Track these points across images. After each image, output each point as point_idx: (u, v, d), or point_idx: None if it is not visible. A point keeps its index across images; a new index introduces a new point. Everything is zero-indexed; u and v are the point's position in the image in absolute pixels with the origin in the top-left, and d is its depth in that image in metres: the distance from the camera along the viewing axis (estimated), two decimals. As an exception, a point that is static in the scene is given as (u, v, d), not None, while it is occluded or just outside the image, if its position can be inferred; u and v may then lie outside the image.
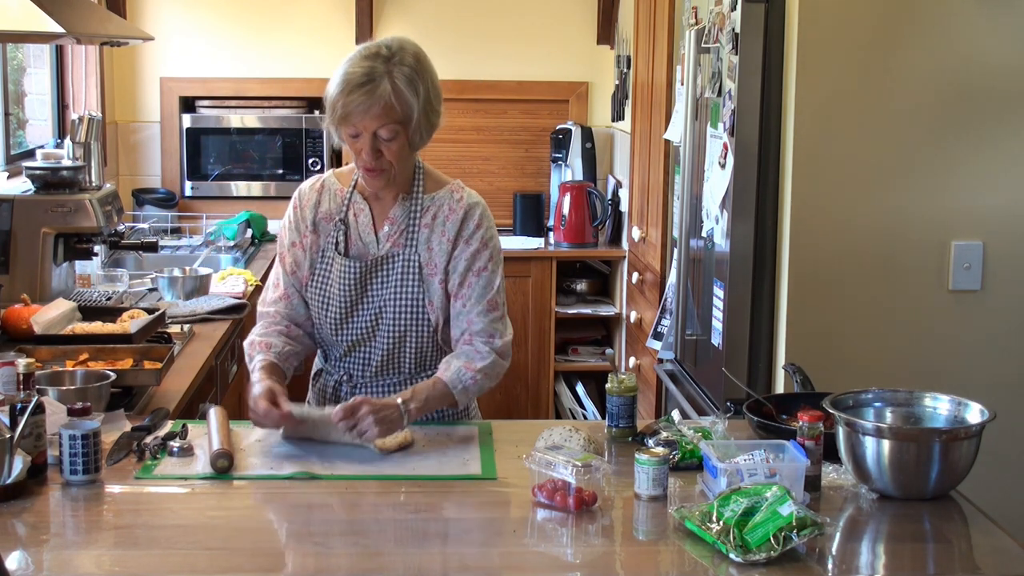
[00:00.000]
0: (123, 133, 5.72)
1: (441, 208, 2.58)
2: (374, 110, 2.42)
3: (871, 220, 3.09)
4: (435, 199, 2.59)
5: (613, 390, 2.49)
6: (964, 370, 3.11)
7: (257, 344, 2.60)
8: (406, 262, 2.57)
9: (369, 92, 2.40)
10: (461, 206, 2.58)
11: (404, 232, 2.58)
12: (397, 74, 2.42)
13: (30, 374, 2.27)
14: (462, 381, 2.51)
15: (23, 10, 2.99)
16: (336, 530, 2.06)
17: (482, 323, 2.56)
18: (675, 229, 3.89)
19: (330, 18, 5.74)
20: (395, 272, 2.57)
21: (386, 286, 2.57)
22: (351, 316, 2.60)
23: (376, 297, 2.58)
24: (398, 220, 2.59)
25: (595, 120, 5.86)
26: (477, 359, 2.53)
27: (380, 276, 2.58)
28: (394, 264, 2.57)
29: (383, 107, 2.41)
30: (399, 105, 2.42)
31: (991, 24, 3.05)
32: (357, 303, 2.59)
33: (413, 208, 2.59)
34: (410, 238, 2.57)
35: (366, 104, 2.41)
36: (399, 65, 2.43)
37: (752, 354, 3.24)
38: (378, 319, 2.59)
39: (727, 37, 3.24)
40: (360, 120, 2.43)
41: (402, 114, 2.43)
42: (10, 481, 2.10)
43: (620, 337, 5.42)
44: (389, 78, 2.41)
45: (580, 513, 2.08)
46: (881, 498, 2.17)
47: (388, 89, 2.41)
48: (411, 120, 2.45)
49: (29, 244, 3.62)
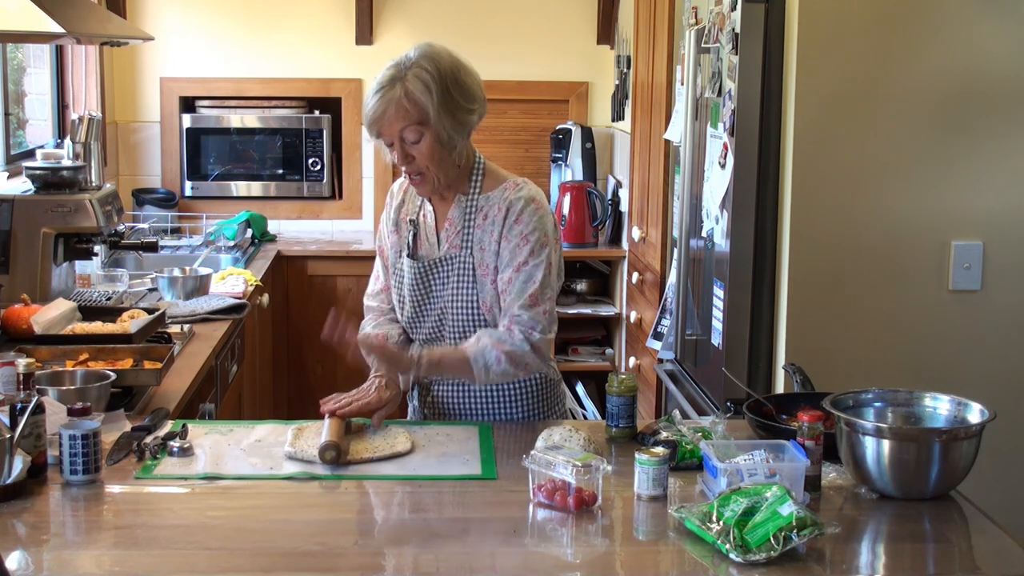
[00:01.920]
0: (123, 133, 5.72)
1: (492, 207, 2.59)
2: (389, 112, 2.47)
3: (871, 220, 3.09)
4: (489, 198, 2.60)
5: (613, 390, 2.49)
6: (964, 370, 3.11)
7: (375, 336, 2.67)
8: (462, 264, 2.59)
9: (382, 96, 2.47)
10: (506, 203, 2.59)
11: (460, 233, 2.60)
12: (410, 77, 2.47)
13: (30, 374, 2.28)
14: (485, 357, 2.52)
15: (23, 10, 2.99)
16: (336, 530, 2.06)
17: (524, 316, 2.55)
18: (675, 229, 3.89)
19: (330, 18, 5.74)
20: (453, 274, 2.60)
21: (446, 288, 2.61)
22: (420, 316, 2.65)
23: (438, 299, 2.62)
24: (455, 221, 2.62)
25: (595, 120, 5.86)
26: (508, 342, 2.53)
27: (440, 278, 2.62)
28: (451, 266, 2.60)
29: (396, 109, 2.47)
30: (411, 106, 2.46)
31: (991, 24, 3.05)
32: (423, 304, 2.64)
33: (468, 208, 2.60)
34: (465, 239, 2.60)
35: (381, 108, 2.48)
36: (414, 68, 2.48)
37: (752, 354, 3.24)
38: (442, 321, 2.63)
39: (727, 37, 3.24)
40: (382, 126, 2.50)
41: (418, 114, 2.47)
42: (10, 481, 2.10)
43: (620, 337, 5.42)
44: (402, 82, 2.47)
45: (580, 513, 2.08)
46: (881, 498, 2.17)
47: (400, 92, 2.46)
48: (429, 119, 2.47)
49: (29, 244, 3.62)
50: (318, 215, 5.81)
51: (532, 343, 2.55)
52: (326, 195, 5.78)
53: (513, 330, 2.55)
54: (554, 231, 2.63)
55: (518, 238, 2.57)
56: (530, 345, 2.54)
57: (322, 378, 5.32)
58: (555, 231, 2.64)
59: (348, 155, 5.82)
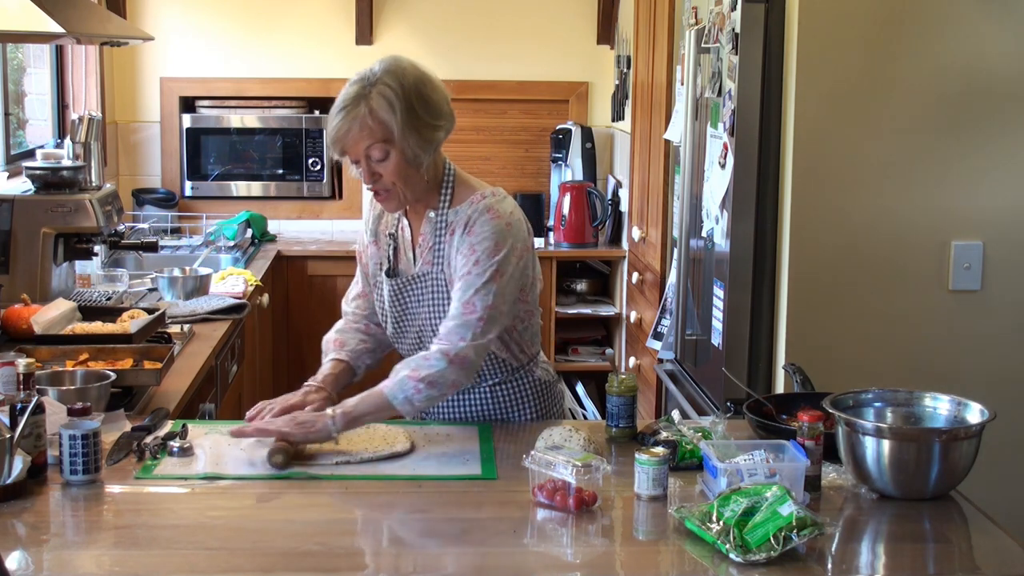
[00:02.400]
0: (123, 133, 5.72)
1: (459, 221, 2.53)
2: (354, 131, 2.43)
3: (871, 220, 3.09)
4: (458, 212, 2.54)
5: (613, 390, 2.49)
6: (964, 370, 3.10)
7: (332, 341, 2.69)
8: (435, 280, 2.56)
9: (346, 114, 2.43)
10: (466, 216, 2.52)
11: (432, 249, 2.57)
12: (374, 94, 2.42)
13: (30, 374, 2.28)
14: (404, 391, 2.42)
15: (23, 10, 2.99)
16: (336, 530, 2.06)
17: (450, 325, 2.47)
18: (675, 229, 3.89)
19: (330, 18, 5.74)
20: (427, 291, 2.58)
21: (422, 305, 2.59)
22: (401, 332, 2.64)
23: (416, 315, 2.60)
24: (427, 237, 2.58)
25: (595, 120, 5.86)
26: (424, 367, 2.43)
27: (416, 295, 2.60)
28: (426, 283, 2.58)
29: (361, 127, 2.42)
30: (375, 124, 2.42)
31: (991, 24, 3.04)
32: (402, 320, 2.62)
33: (439, 223, 2.56)
34: (437, 255, 2.56)
35: (345, 127, 2.43)
36: (379, 85, 2.43)
37: (752, 354, 3.24)
38: (422, 336, 2.61)
39: (727, 37, 3.24)
40: (347, 144, 2.45)
41: (382, 133, 2.42)
42: (10, 481, 2.10)
43: (620, 337, 5.42)
44: (366, 100, 2.42)
45: (580, 513, 2.08)
46: (881, 498, 2.17)
47: (364, 110, 2.42)
48: (393, 138, 2.43)
49: (29, 244, 3.62)
50: (318, 215, 5.82)
51: (451, 356, 2.43)
52: (326, 195, 5.78)
53: (432, 350, 2.46)
54: (517, 237, 2.51)
55: (467, 249, 2.50)
56: (448, 360, 2.42)
57: (322, 378, 5.30)
58: (518, 236, 2.52)
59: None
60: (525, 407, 2.67)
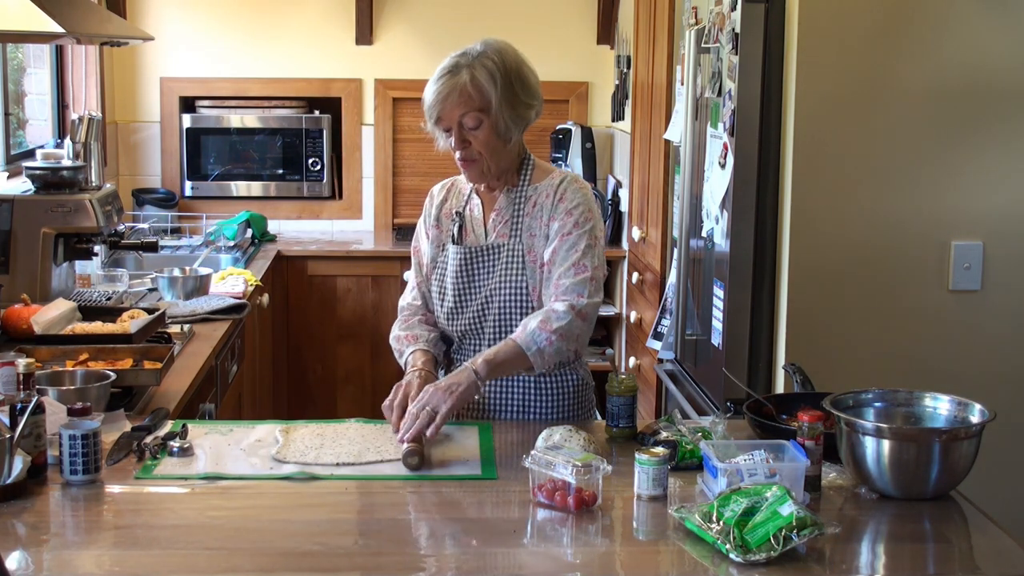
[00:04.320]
0: (123, 133, 5.72)
1: (541, 195, 2.65)
2: (452, 97, 2.53)
3: (871, 220, 3.09)
4: (537, 188, 2.66)
5: (613, 390, 2.49)
6: (964, 370, 3.10)
7: (403, 339, 2.71)
8: (511, 252, 2.63)
9: (447, 80, 2.53)
10: (554, 188, 2.64)
11: (508, 222, 2.65)
12: (477, 65, 2.54)
13: (30, 374, 2.27)
14: (536, 343, 2.52)
15: (23, 10, 2.99)
16: (336, 530, 2.06)
17: (567, 282, 2.57)
18: (675, 229, 3.89)
19: (330, 18, 5.74)
20: (500, 262, 2.64)
21: (492, 275, 2.64)
22: (462, 304, 2.67)
23: (483, 286, 2.65)
24: (503, 211, 2.67)
25: (595, 120, 5.86)
26: (554, 319, 2.53)
27: (487, 265, 2.65)
28: (499, 254, 2.64)
29: (460, 94, 2.52)
30: (475, 92, 2.52)
31: (991, 24, 3.05)
32: (467, 291, 2.66)
33: (518, 198, 2.66)
34: (514, 228, 2.64)
35: (445, 91, 2.53)
36: (481, 58, 2.55)
37: (752, 354, 3.24)
38: (485, 309, 2.64)
39: (727, 37, 3.24)
40: (443, 110, 2.54)
41: (480, 102, 2.53)
42: (10, 481, 2.10)
43: (620, 337, 5.42)
44: (469, 69, 2.54)
45: (580, 513, 2.08)
46: (881, 498, 2.17)
47: (466, 78, 2.52)
48: (490, 108, 2.53)
49: (29, 244, 3.62)
50: (318, 215, 5.82)
51: (577, 310, 2.54)
52: (326, 195, 5.79)
53: (556, 305, 2.56)
54: (599, 211, 2.68)
55: (563, 213, 2.61)
56: (575, 313, 2.54)
57: (322, 378, 5.31)
58: (599, 212, 2.68)
59: (348, 155, 5.82)
60: (563, 404, 2.68)
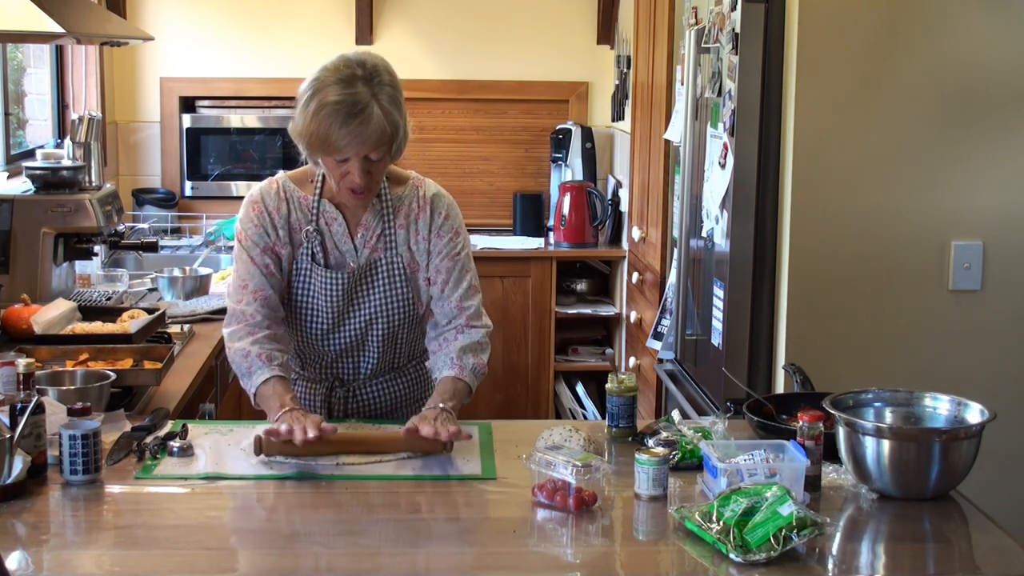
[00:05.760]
0: (123, 133, 5.71)
1: (410, 206, 2.57)
2: (371, 139, 2.36)
3: (871, 220, 3.09)
4: (402, 198, 2.57)
5: (613, 390, 2.49)
6: (964, 370, 3.10)
7: (256, 356, 2.46)
8: (389, 265, 2.56)
9: (363, 123, 2.34)
10: (425, 201, 2.58)
11: (381, 236, 2.56)
12: (382, 96, 2.36)
13: (30, 374, 2.28)
14: (477, 376, 2.55)
15: (23, 10, 2.99)
16: (336, 530, 2.06)
17: (471, 308, 2.58)
18: (675, 229, 3.89)
19: (330, 18, 5.74)
20: (381, 277, 2.56)
21: (375, 292, 2.57)
22: (340, 326, 2.59)
23: (366, 304, 2.57)
24: (372, 225, 2.56)
25: (595, 120, 5.86)
26: (481, 351, 2.57)
27: (366, 284, 2.56)
28: (379, 270, 2.56)
29: (379, 135, 2.36)
30: (391, 127, 2.38)
31: (991, 24, 3.04)
32: (345, 313, 2.57)
33: (384, 211, 2.56)
34: (389, 241, 2.56)
35: (362, 135, 2.35)
36: (379, 85, 2.37)
37: (752, 354, 3.24)
38: (369, 326, 2.59)
39: (727, 37, 3.24)
40: (352, 149, 2.37)
41: (391, 135, 2.40)
42: (10, 481, 2.10)
43: (620, 337, 5.42)
44: (377, 103, 2.35)
45: (580, 513, 2.08)
46: (881, 498, 2.17)
47: (380, 115, 2.35)
48: (397, 137, 2.41)
49: (29, 244, 3.62)
50: (318, 215, 5.81)
51: (488, 332, 2.60)
52: (326, 195, 5.78)
53: (472, 334, 2.56)
54: None
55: (450, 232, 2.58)
56: (488, 336, 2.60)
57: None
58: None
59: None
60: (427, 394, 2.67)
